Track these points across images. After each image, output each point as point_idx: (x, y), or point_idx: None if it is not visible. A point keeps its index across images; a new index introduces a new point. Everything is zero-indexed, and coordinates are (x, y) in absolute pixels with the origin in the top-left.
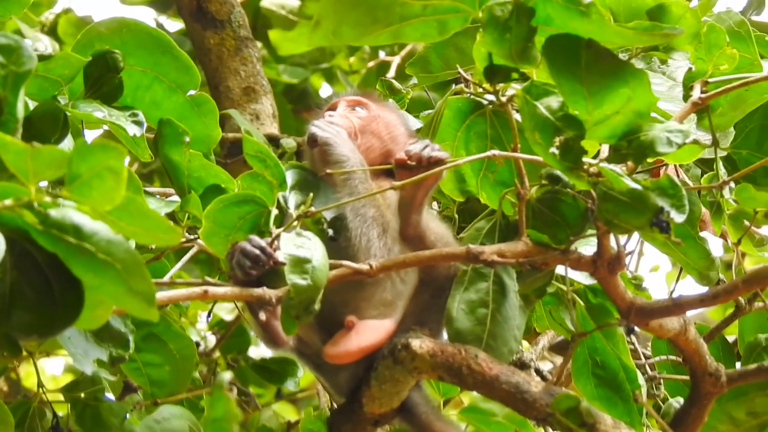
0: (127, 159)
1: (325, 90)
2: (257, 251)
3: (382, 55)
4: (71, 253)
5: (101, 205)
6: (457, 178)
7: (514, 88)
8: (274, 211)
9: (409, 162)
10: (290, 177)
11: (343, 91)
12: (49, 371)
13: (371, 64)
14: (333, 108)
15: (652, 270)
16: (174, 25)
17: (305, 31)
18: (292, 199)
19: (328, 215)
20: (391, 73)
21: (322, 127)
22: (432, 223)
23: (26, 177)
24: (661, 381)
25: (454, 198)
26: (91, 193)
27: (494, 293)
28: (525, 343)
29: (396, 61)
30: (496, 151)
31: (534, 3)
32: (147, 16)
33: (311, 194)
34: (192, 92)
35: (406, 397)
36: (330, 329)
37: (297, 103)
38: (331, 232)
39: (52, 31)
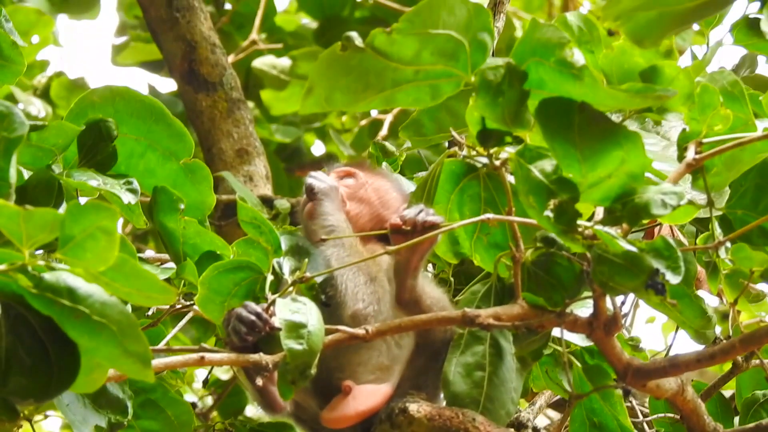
0: (121, 221)
1: (317, 148)
2: (253, 317)
3: (374, 113)
4: (66, 315)
5: (95, 266)
6: (451, 241)
7: (508, 152)
8: (270, 277)
9: (403, 227)
10: (284, 242)
11: (336, 150)
12: (47, 429)
13: (363, 122)
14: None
15: (648, 321)
16: (167, 85)
17: (297, 90)
18: (287, 264)
19: (320, 279)
20: (384, 131)
21: (319, 177)
22: (427, 287)
23: (20, 240)
24: None
25: (448, 261)
26: (85, 254)
27: (491, 356)
28: (522, 400)
29: (388, 119)
30: (490, 215)
31: (526, 66)
32: (139, 76)
33: (306, 260)
34: (186, 160)
35: None
36: (327, 394)
37: (290, 162)
38: (323, 298)
39: (44, 94)
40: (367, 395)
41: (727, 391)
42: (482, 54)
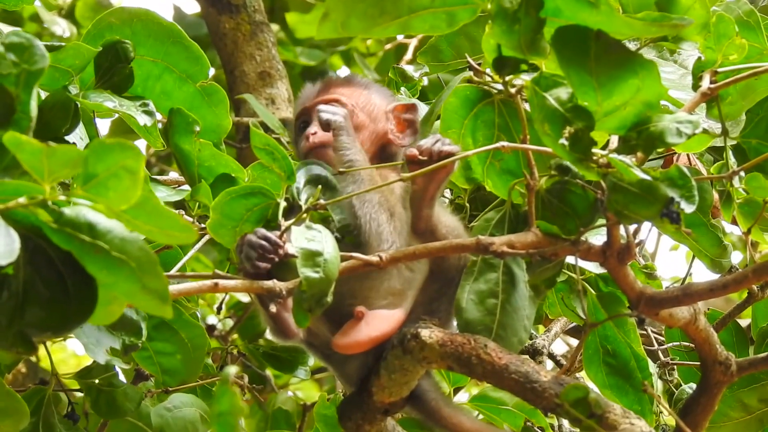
0: (144, 143)
1: (344, 72)
2: (263, 242)
3: (400, 37)
4: (85, 251)
5: (117, 205)
6: (463, 166)
7: (523, 79)
8: (283, 203)
9: (420, 157)
10: (303, 173)
11: (360, 73)
12: (70, 348)
13: (388, 46)
14: (306, 115)
15: (672, 249)
16: (192, 7)
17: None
18: (304, 193)
19: (337, 216)
20: (408, 55)
21: (331, 110)
22: (443, 216)
23: (41, 176)
24: (674, 367)
25: (460, 185)
26: (107, 192)
27: (504, 284)
28: (540, 327)
29: (413, 43)
30: (505, 143)
31: None
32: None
33: (320, 187)
34: (203, 82)
35: (415, 385)
36: (339, 320)
37: None
38: (338, 234)
39: (69, 14)
40: (379, 320)
41: (744, 321)
42: None
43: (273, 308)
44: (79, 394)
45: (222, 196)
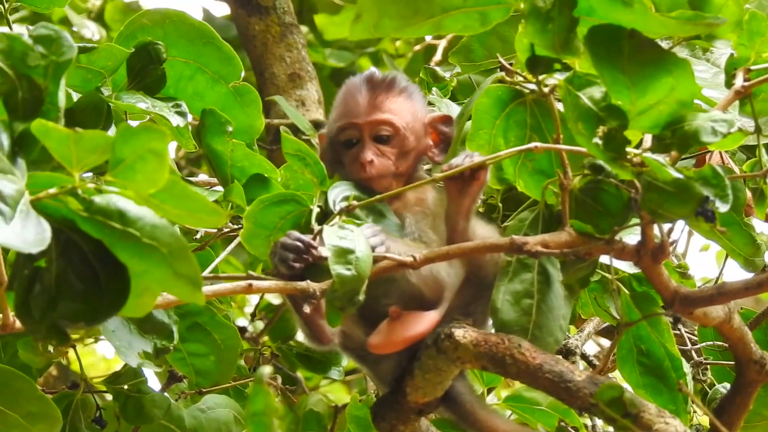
0: (174, 145)
1: None
2: (297, 243)
3: (429, 38)
4: (116, 239)
5: (145, 189)
6: (495, 166)
7: (556, 79)
8: (316, 209)
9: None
10: (340, 191)
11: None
12: (100, 352)
13: (417, 47)
14: (354, 130)
15: (703, 249)
16: (221, 9)
17: (351, 15)
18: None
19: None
20: (438, 56)
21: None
22: (479, 228)
23: (70, 163)
24: (708, 367)
25: (492, 186)
26: (135, 176)
27: (539, 284)
28: (572, 327)
29: (442, 44)
30: (538, 144)
31: None
32: (194, 0)
33: (353, 193)
34: (235, 82)
35: (449, 386)
36: (373, 321)
37: None
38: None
39: (99, 17)
40: (414, 321)
41: None
42: None
43: (307, 309)
44: (109, 398)
45: (255, 205)
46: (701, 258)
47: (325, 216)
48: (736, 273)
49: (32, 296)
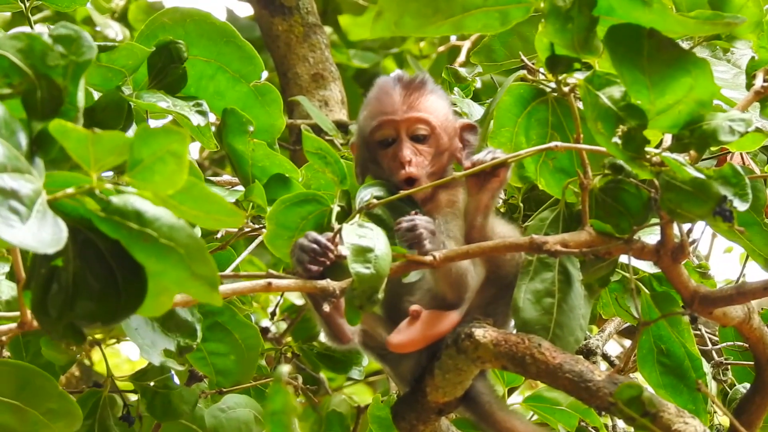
0: (198, 145)
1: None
2: (313, 245)
3: (453, 39)
4: (134, 239)
5: (163, 190)
6: (517, 165)
7: (576, 78)
8: (336, 208)
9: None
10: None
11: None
12: (124, 353)
13: (441, 48)
14: (391, 128)
15: (726, 251)
16: (245, 10)
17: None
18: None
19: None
20: (462, 57)
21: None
22: (498, 226)
23: (88, 164)
24: (728, 367)
25: (513, 184)
26: (153, 177)
27: (560, 283)
28: (593, 327)
29: (467, 45)
30: (558, 143)
31: None
32: (218, 0)
33: (374, 191)
34: (256, 82)
35: (469, 386)
36: (396, 319)
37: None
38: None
39: (122, 17)
40: (434, 320)
41: None
42: None
43: (327, 307)
44: (134, 398)
45: (276, 206)
46: (725, 260)
47: (346, 215)
48: (757, 274)
49: (49, 295)
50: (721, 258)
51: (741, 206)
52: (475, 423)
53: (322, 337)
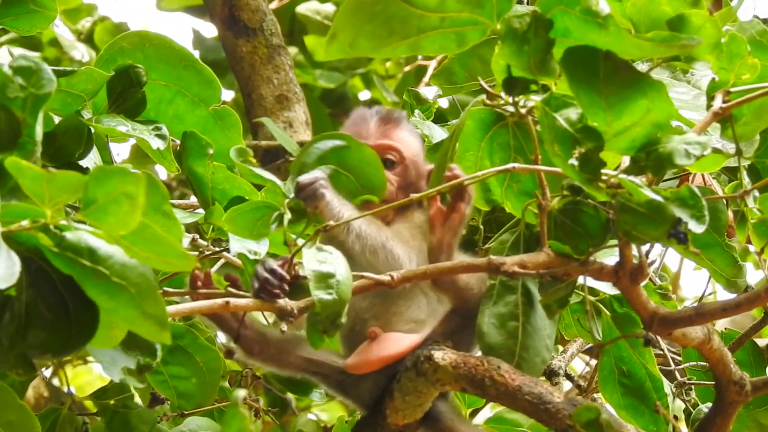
0: (162, 168)
1: (364, 95)
2: (268, 275)
3: (420, 58)
4: (86, 275)
5: (116, 230)
6: (483, 188)
7: (534, 100)
8: (288, 216)
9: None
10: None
11: (380, 96)
12: (96, 371)
13: (408, 68)
14: None
15: (696, 269)
16: (212, 30)
17: None
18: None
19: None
20: (428, 77)
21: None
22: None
23: (42, 201)
24: (692, 387)
25: (480, 208)
26: (107, 218)
27: (523, 305)
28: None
29: (432, 65)
30: (516, 164)
31: (552, 15)
32: (184, 21)
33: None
34: (215, 106)
35: (431, 406)
36: (355, 345)
37: (335, 107)
38: None
39: (88, 38)
40: (392, 342)
41: (762, 340)
42: (508, 2)
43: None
44: (98, 418)
45: (230, 212)
46: (695, 276)
47: (299, 217)
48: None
49: (1, 324)
50: (691, 275)
51: (697, 228)
52: None
53: None
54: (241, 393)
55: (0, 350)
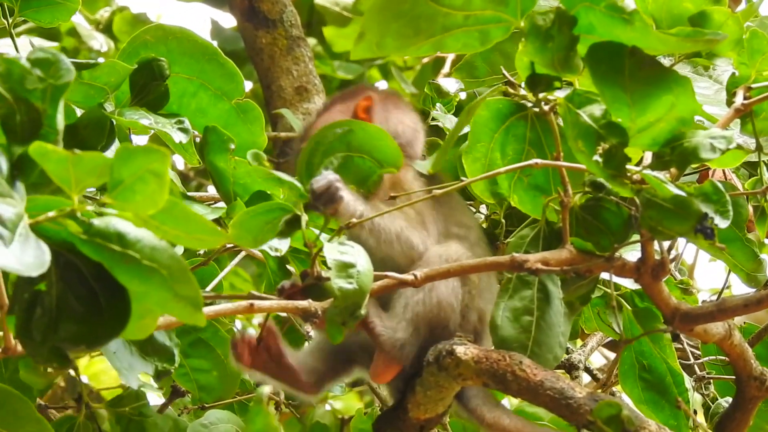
0: (181, 159)
1: (381, 85)
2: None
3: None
4: (116, 261)
5: (144, 210)
6: (489, 180)
7: (557, 96)
8: (305, 218)
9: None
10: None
11: (398, 87)
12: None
13: (426, 60)
14: None
15: (712, 260)
16: (230, 21)
17: (359, 28)
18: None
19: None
20: (446, 68)
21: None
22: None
23: (69, 186)
24: (711, 381)
25: (485, 200)
26: (134, 197)
27: (539, 301)
28: (579, 341)
29: (451, 57)
30: (538, 160)
31: (576, 12)
32: (203, 12)
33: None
34: (238, 99)
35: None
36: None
37: None
38: None
39: (107, 29)
40: None
41: None
42: None
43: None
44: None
45: (241, 215)
46: (711, 268)
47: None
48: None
49: (33, 319)
50: (706, 267)
51: (722, 223)
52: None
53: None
54: (266, 389)
55: (33, 345)
